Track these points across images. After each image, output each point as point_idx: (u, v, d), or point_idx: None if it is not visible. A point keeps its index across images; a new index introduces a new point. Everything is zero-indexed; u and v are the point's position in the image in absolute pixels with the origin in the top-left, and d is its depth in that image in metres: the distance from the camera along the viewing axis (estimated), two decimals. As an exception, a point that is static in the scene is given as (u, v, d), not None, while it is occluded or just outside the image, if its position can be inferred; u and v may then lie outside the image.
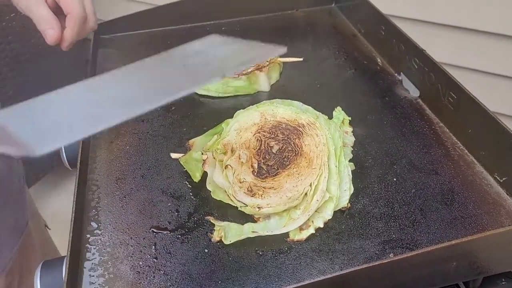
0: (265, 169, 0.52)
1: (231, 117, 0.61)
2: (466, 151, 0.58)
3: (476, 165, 0.56)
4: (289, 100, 0.62)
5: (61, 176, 1.81)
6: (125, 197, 0.55)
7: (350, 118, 0.61)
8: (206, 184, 0.54)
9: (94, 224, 0.52)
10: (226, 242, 0.49)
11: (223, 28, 0.91)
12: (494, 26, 1.10)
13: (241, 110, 0.60)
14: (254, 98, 0.71)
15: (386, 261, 0.41)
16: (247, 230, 0.49)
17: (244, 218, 0.51)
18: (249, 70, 0.72)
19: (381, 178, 0.55)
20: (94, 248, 0.49)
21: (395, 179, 0.55)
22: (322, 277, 0.40)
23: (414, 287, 0.45)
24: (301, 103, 0.61)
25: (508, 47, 1.11)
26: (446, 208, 0.51)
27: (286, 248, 0.48)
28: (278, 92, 0.72)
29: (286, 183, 0.51)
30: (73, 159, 0.67)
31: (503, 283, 0.47)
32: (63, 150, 0.69)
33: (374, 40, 0.82)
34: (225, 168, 0.53)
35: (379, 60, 0.79)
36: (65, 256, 0.49)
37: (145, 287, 0.45)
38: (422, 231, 0.49)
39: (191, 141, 0.56)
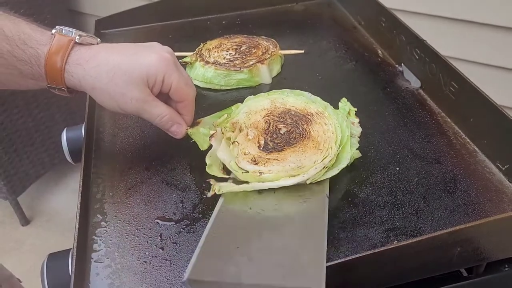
0: (271, 146, 0.54)
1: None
2: (468, 140, 0.59)
3: (478, 154, 0.57)
4: (299, 90, 0.63)
5: (63, 174, 1.82)
6: (129, 189, 0.56)
7: (356, 109, 0.62)
8: (206, 157, 0.54)
9: (99, 216, 0.52)
10: (218, 193, 0.50)
11: (223, 22, 0.91)
12: (494, 18, 1.10)
13: (252, 96, 0.62)
14: (256, 91, 0.71)
15: (391, 247, 0.41)
16: (243, 185, 0.50)
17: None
18: (251, 63, 0.72)
19: (384, 167, 0.56)
20: (100, 240, 0.50)
21: (397, 168, 0.56)
22: (328, 264, 0.40)
23: (419, 274, 0.45)
24: (310, 94, 0.62)
25: (508, 39, 1.11)
26: (449, 196, 0.52)
27: (291, 237, 0.48)
28: (280, 84, 0.72)
29: (290, 157, 0.52)
30: (76, 154, 0.67)
31: (506, 268, 0.48)
32: (66, 145, 0.69)
33: (375, 31, 0.82)
34: (232, 144, 0.54)
35: (379, 51, 0.79)
36: (70, 248, 0.50)
37: (152, 277, 0.46)
38: (425, 219, 0.49)
39: (199, 119, 0.58)
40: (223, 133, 0.56)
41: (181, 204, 0.53)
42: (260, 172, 0.50)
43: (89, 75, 0.50)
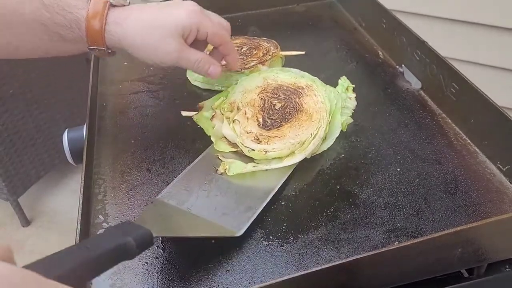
0: (269, 122, 0.58)
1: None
2: (469, 140, 0.59)
3: (479, 155, 0.57)
4: (287, 68, 0.67)
5: (63, 174, 1.82)
6: (131, 190, 0.56)
7: (354, 86, 0.67)
8: (211, 136, 0.60)
9: (101, 217, 0.52)
10: (229, 173, 0.54)
11: (224, 23, 0.91)
12: (494, 19, 1.10)
13: (244, 76, 0.66)
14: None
15: (392, 248, 0.41)
16: (249, 166, 0.55)
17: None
18: (252, 64, 0.72)
19: (385, 168, 0.56)
20: (101, 241, 0.50)
21: (398, 169, 0.56)
22: (329, 265, 0.40)
23: (419, 275, 0.45)
24: (298, 70, 0.66)
25: (509, 40, 1.11)
26: (450, 197, 0.52)
27: (292, 238, 0.48)
28: (281, 85, 0.72)
29: (289, 132, 0.56)
30: (77, 155, 0.67)
31: (507, 269, 0.48)
32: (67, 146, 0.69)
33: (375, 33, 0.82)
34: (233, 122, 0.58)
35: (380, 52, 0.79)
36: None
37: (154, 277, 0.46)
38: (426, 220, 0.49)
39: (201, 104, 0.62)
40: (222, 114, 0.60)
41: (182, 205, 0.53)
42: (265, 151, 0.55)
43: (128, 33, 0.54)
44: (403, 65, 0.73)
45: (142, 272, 0.46)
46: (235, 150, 0.58)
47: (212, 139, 0.60)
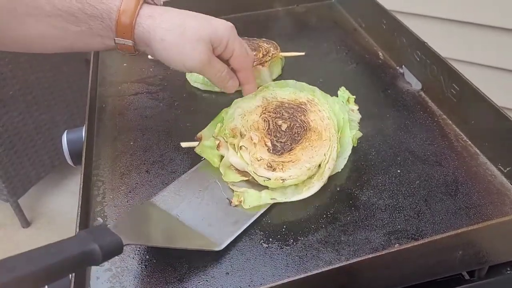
0: (279, 146, 0.54)
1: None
2: (470, 142, 0.59)
3: (479, 156, 0.57)
4: (282, 81, 0.63)
5: (63, 175, 1.81)
6: (130, 192, 0.56)
7: (354, 97, 0.64)
8: (220, 167, 0.56)
9: (100, 219, 0.52)
10: (246, 206, 0.51)
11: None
12: (494, 19, 1.10)
13: (239, 98, 0.61)
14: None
15: (392, 250, 0.41)
16: (266, 197, 0.51)
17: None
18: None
19: (385, 170, 0.56)
20: (100, 243, 0.50)
21: (399, 171, 0.55)
22: (329, 267, 0.40)
23: (420, 277, 0.45)
24: (294, 81, 0.63)
25: (510, 40, 1.11)
26: (451, 199, 0.51)
27: (291, 240, 0.48)
28: (281, 86, 0.72)
29: (302, 155, 0.53)
30: (76, 156, 0.67)
31: (508, 272, 0.47)
32: (66, 148, 0.69)
33: (375, 34, 0.82)
34: (240, 150, 0.54)
35: (380, 53, 0.79)
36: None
37: (153, 280, 0.45)
38: (427, 222, 0.49)
39: (199, 134, 0.58)
40: (226, 141, 0.56)
41: (181, 207, 0.53)
42: (282, 179, 0.51)
43: (161, 26, 0.52)
44: (403, 66, 0.73)
45: (141, 275, 0.46)
46: (246, 179, 0.54)
47: (221, 170, 0.55)
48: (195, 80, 0.73)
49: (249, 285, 0.44)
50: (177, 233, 0.49)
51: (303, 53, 0.79)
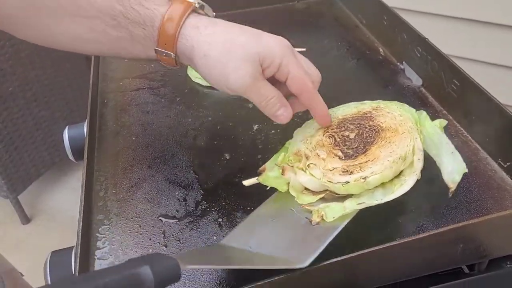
0: (352, 152, 0.48)
1: (236, 107, 0.61)
2: (470, 137, 0.59)
3: (480, 151, 0.57)
4: (338, 107, 0.56)
5: (63, 172, 1.82)
6: (132, 187, 0.56)
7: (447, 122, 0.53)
8: (290, 190, 0.49)
9: (102, 214, 0.53)
10: (329, 219, 0.45)
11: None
12: (495, 16, 1.10)
13: (298, 128, 0.55)
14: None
15: (393, 244, 0.41)
16: (351, 204, 0.45)
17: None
18: (253, 61, 0.72)
19: (386, 165, 0.56)
20: (103, 237, 0.50)
21: (400, 166, 0.56)
22: (331, 261, 0.40)
23: (421, 271, 0.45)
24: (354, 102, 0.56)
25: (510, 37, 1.11)
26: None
27: (293, 234, 0.48)
28: (282, 82, 0.72)
29: (380, 152, 0.46)
30: (78, 152, 0.67)
31: (508, 265, 0.48)
32: (68, 143, 0.69)
33: (376, 30, 0.82)
34: (308, 167, 0.48)
35: (381, 50, 0.79)
36: (73, 246, 0.50)
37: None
38: (427, 216, 0.49)
39: (261, 167, 0.51)
40: (291, 166, 0.50)
41: (184, 202, 0.53)
42: (363, 178, 0.44)
43: (205, 40, 0.47)
44: (404, 62, 0.73)
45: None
46: (322, 196, 0.47)
47: (292, 193, 0.49)
48: (196, 75, 0.73)
49: (251, 279, 0.45)
50: (247, 258, 0.43)
51: (304, 49, 0.79)
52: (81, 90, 1.63)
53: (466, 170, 0.47)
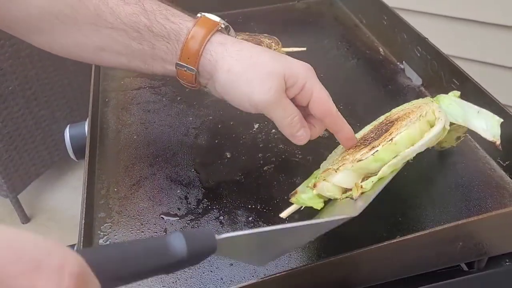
0: (374, 136, 0.48)
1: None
2: (469, 136, 0.59)
3: (479, 150, 0.57)
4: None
5: (63, 171, 1.82)
6: (134, 185, 0.56)
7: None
8: (336, 200, 0.48)
9: (104, 212, 0.53)
10: (368, 186, 0.44)
11: (225, 20, 0.91)
12: (495, 17, 1.11)
13: (324, 161, 0.54)
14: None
15: (394, 241, 0.42)
16: (387, 167, 0.44)
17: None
18: (253, 60, 0.72)
19: (386, 164, 0.56)
20: (105, 235, 0.50)
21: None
22: (332, 258, 0.41)
23: (420, 268, 0.46)
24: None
25: (509, 37, 1.12)
26: (451, 192, 0.52)
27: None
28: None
29: (401, 127, 0.46)
30: (79, 150, 0.68)
31: (507, 263, 0.48)
32: (69, 142, 0.69)
33: (376, 30, 0.83)
34: (334, 172, 0.47)
35: (381, 49, 0.79)
36: (74, 244, 0.50)
37: (157, 271, 0.46)
38: (427, 214, 0.50)
39: (292, 192, 0.50)
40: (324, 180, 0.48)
41: (185, 200, 0.54)
42: (390, 139, 0.44)
43: (230, 55, 0.47)
44: (403, 61, 0.74)
45: (146, 266, 0.46)
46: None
47: (337, 196, 0.47)
48: (197, 75, 0.74)
49: (252, 276, 0.45)
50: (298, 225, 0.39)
51: (304, 49, 0.79)
52: (81, 89, 1.63)
53: (501, 120, 0.47)
